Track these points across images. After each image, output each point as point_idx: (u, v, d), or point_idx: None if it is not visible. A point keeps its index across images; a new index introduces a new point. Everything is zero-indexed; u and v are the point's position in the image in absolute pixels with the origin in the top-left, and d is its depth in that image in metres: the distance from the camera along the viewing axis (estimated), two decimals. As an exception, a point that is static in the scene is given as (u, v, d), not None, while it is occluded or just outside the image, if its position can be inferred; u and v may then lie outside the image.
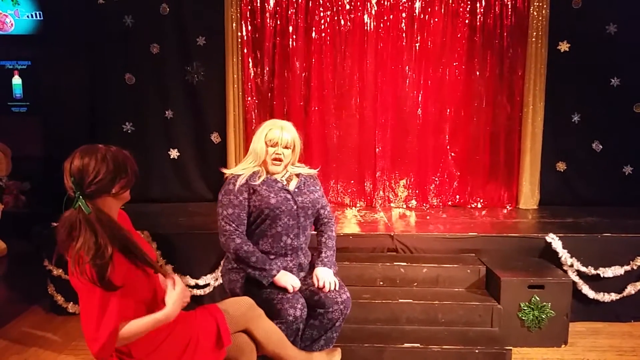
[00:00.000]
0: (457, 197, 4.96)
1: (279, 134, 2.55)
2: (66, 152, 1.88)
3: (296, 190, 2.60)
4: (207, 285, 3.66)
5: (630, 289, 3.67)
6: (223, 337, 2.06)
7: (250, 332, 2.20)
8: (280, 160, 2.56)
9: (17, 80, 5.19)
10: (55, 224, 1.82)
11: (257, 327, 2.21)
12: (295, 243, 2.57)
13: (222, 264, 2.75)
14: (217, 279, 3.65)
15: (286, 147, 2.56)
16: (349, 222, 4.27)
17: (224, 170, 2.65)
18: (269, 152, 2.55)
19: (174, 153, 4.96)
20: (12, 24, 5.04)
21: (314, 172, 2.75)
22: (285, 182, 2.60)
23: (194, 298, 3.44)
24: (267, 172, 2.59)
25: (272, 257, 2.54)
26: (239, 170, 2.60)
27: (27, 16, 5.03)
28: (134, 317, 1.84)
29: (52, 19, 5.00)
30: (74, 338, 3.41)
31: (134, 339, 1.83)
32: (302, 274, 2.63)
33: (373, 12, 4.74)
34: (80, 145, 1.88)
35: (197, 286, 3.65)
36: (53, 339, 3.43)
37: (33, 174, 4.94)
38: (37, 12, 5.03)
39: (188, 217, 4.34)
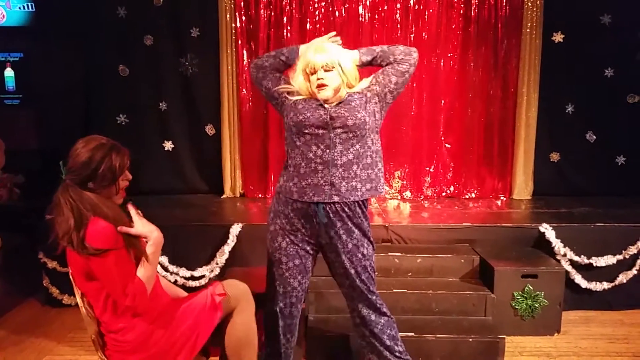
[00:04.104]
0: (452, 188, 4.98)
1: (312, 57, 2.24)
2: (60, 144, 1.89)
3: (334, 107, 2.26)
4: (203, 276, 3.67)
5: (622, 278, 3.71)
6: (214, 294, 2.08)
7: (230, 315, 2.15)
8: (324, 85, 2.23)
9: (9, 72, 5.14)
10: (49, 216, 1.85)
11: (238, 313, 2.16)
12: (327, 156, 2.23)
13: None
14: (212, 271, 3.67)
15: (327, 70, 2.24)
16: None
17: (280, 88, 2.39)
18: (312, 80, 2.25)
19: (168, 145, 4.95)
20: (3, 16, 4.99)
21: (365, 85, 2.35)
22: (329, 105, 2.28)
23: (189, 290, 3.45)
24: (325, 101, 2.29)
25: (302, 170, 2.27)
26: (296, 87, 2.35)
27: (19, 7, 4.98)
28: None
29: (44, 10, 4.95)
30: (70, 329, 3.43)
31: (151, 281, 1.90)
32: (336, 198, 2.25)
33: (367, 2, 4.72)
34: (73, 138, 1.90)
35: (192, 278, 3.67)
36: (49, 330, 3.44)
37: (27, 167, 4.92)
38: (29, 4, 4.98)
39: (183, 209, 4.35)
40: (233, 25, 4.71)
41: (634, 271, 3.71)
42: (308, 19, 4.72)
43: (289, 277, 2.39)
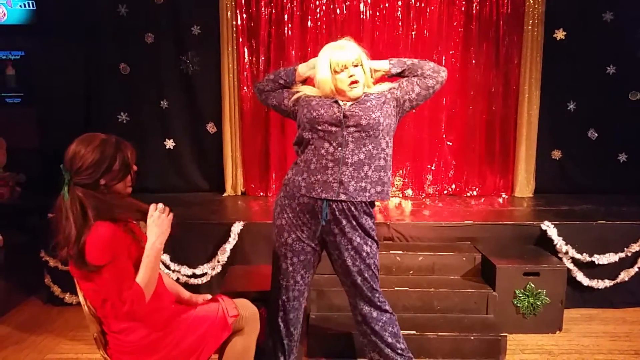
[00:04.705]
0: (453, 185, 4.97)
1: (341, 54, 2.25)
2: (61, 143, 1.88)
3: (349, 105, 2.28)
4: (204, 274, 3.67)
5: (624, 276, 3.71)
6: (228, 315, 2.06)
7: (234, 333, 2.16)
8: (357, 82, 2.26)
9: (10, 70, 5.14)
10: (51, 215, 1.84)
11: (242, 335, 2.15)
12: (338, 154, 2.24)
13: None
14: (214, 268, 3.67)
15: (355, 66, 2.27)
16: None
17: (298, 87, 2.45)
18: (341, 79, 2.26)
19: (169, 143, 4.94)
20: (4, 14, 4.98)
21: (386, 87, 2.37)
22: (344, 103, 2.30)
23: (191, 288, 3.46)
24: (345, 99, 2.31)
25: (312, 166, 2.28)
26: (308, 91, 2.41)
27: (20, 6, 4.98)
28: None
29: (45, 8, 4.94)
30: (72, 328, 3.43)
31: (151, 286, 1.86)
32: (343, 196, 2.25)
33: (369, 0, 4.72)
34: (74, 137, 1.88)
35: (194, 275, 3.67)
36: (51, 329, 3.45)
37: (28, 166, 4.92)
38: (30, 2, 4.98)
39: (184, 207, 4.34)
40: (234, 22, 4.70)
41: (635, 269, 3.71)
42: (309, 17, 4.71)
43: (292, 272, 2.41)
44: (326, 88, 2.31)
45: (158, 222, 1.90)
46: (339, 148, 2.24)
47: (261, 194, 4.92)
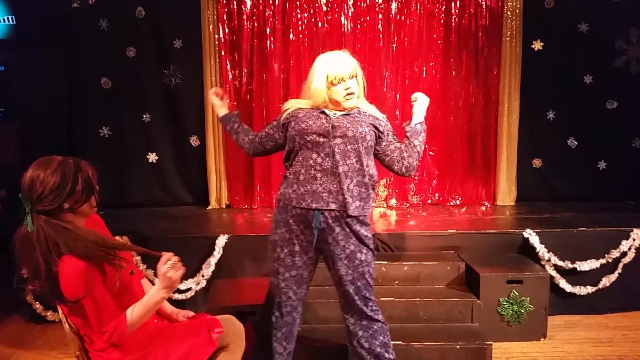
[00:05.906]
0: (437, 195, 5.01)
1: (340, 67, 2.30)
2: (42, 158, 1.85)
3: (338, 116, 2.34)
4: (189, 289, 3.64)
5: (606, 282, 3.76)
6: (213, 331, 2.05)
7: (219, 350, 2.13)
8: (352, 93, 2.33)
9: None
10: (14, 246, 1.76)
11: (227, 352, 2.13)
12: (326, 164, 2.28)
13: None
14: (198, 283, 3.64)
15: (351, 78, 2.33)
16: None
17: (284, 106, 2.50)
18: (337, 91, 2.31)
19: (152, 157, 4.91)
20: (-17, 29, 4.94)
21: (379, 115, 2.46)
22: (333, 114, 2.35)
23: (175, 303, 3.42)
24: (337, 109, 2.36)
25: (301, 177, 2.31)
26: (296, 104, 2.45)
27: (0, 20, 4.94)
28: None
29: (25, 23, 4.90)
30: (54, 346, 3.37)
31: (139, 323, 1.82)
32: (333, 205, 2.30)
33: (350, 13, 4.76)
34: (56, 152, 1.86)
35: (178, 291, 3.63)
36: (33, 347, 3.38)
37: (9, 182, 4.84)
38: (10, 17, 4.94)
39: (168, 221, 4.31)
40: (216, 36, 4.72)
41: (616, 274, 3.77)
42: (291, 30, 4.74)
43: (285, 287, 2.43)
44: (319, 99, 2.35)
45: (166, 278, 1.80)
46: (327, 158, 2.29)
47: (246, 206, 4.91)
